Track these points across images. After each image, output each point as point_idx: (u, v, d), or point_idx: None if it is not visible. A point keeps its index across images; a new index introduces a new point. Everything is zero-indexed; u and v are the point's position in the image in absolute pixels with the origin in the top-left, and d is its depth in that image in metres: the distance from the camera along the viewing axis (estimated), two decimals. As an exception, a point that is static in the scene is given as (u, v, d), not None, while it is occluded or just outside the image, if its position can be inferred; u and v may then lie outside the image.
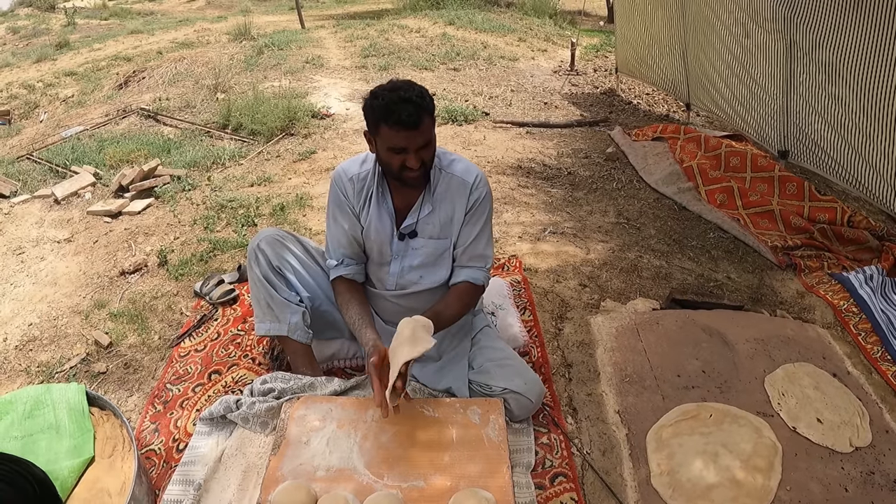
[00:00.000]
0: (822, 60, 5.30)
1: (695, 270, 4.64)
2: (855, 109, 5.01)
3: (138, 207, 5.73)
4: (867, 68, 4.81)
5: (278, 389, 3.10)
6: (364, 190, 3.07)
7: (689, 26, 7.60)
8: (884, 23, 4.57)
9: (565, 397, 3.37)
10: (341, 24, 16.08)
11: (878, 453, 2.99)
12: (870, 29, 4.71)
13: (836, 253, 4.84)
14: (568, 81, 10.76)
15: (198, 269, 4.66)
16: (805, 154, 5.82)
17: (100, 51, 14.15)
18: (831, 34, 5.13)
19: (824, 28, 5.20)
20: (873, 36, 4.69)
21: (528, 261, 4.68)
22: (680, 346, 3.63)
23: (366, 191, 3.07)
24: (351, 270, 3.15)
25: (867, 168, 5.04)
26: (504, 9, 17.37)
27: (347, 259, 3.15)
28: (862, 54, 4.84)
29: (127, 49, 13.92)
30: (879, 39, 4.64)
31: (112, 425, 2.92)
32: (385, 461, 2.70)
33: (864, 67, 4.84)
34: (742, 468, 2.84)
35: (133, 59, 12.66)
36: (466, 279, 3.12)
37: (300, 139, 7.57)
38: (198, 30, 16.09)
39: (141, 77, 11.04)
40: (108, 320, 4.13)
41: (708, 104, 7.52)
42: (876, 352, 3.76)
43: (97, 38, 15.85)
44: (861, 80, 4.89)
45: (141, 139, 7.65)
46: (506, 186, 6.10)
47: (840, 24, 5.02)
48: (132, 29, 16.70)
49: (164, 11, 23.11)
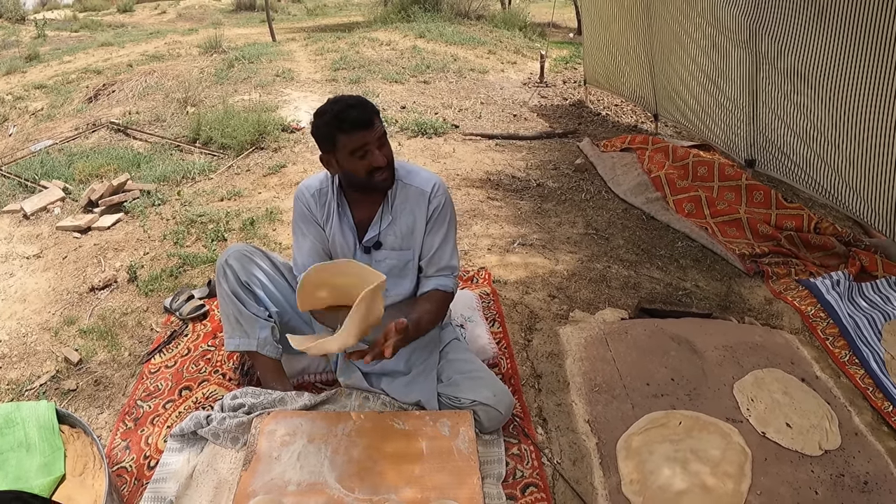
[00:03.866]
0: (786, 70, 5.36)
1: (663, 279, 4.67)
2: (820, 118, 5.07)
3: (108, 222, 5.70)
4: (831, 77, 4.87)
5: (248, 405, 3.09)
6: (326, 205, 3.10)
7: (656, 38, 7.65)
8: (846, 33, 4.63)
9: (535, 408, 3.38)
10: (312, 37, 16.08)
11: (848, 456, 3.03)
12: (832, 39, 4.78)
13: (804, 259, 4.89)
14: (537, 93, 10.80)
15: (168, 285, 4.63)
16: (772, 162, 5.88)
17: (70, 63, 14.07)
18: (795, 44, 5.19)
19: (788, 38, 5.26)
20: (836, 45, 4.75)
21: (496, 273, 4.68)
22: (649, 355, 3.65)
23: (328, 206, 3.10)
24: None
25: (833, 175, 5.10)
26: (474, 21, 17.40)
27: None
28: (826, 63, 4.90)
29: (97, 62, 13.85)
30: (842, 49, 4.71)
31: (82, 443, 2.89)
32: (356, 474, 2.70)
33: (829, 76, 4.89)
34: (712, 474, 2.87)
35: (103, 71, 12.58)
36: (436, 287, 3.13)
37: (270, 153, 7.55)
38: (168, 42, 16.04)
39: (111, 90, 10.97)
40: (77, 337, 4.11)
41: (675, 115, 7.57)
42: (843, 356, 3.81)
43: (67, 51, 15.78)
44: (825, 88, 4.95)
45: (110, 153, 7.60)
46: (475, 199, 6.11)
47: (803, 34, 5.08)
48: (103, 41, 16.63)
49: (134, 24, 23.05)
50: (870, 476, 2.92)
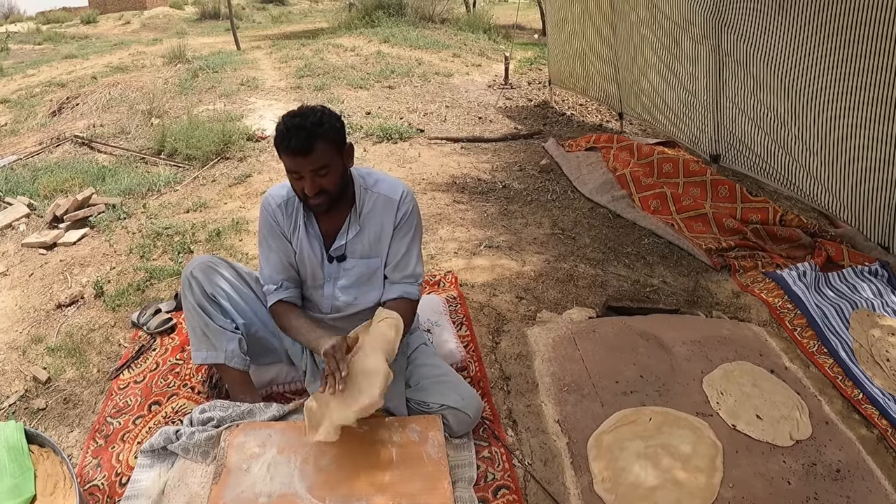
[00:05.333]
0: (749, 65, 5.42)
1: (630, 277, 4.68)
2: (784, 111, 5.13)
3: (73, 238, 5.64)
4: (794, 70, 4.93)
5: (217, 418, 3.06)
6: (293, 214, 3.08)
7: (620, 37, 7.71)
8: (808, 26, 4.69)
9: (505, 410, 3.37)
10: (277, 44, 16.07)
11: (819, 444, 3.05)
12: (795, 33, 4.83)
13: (770, 252, 4.93)
14: (502, 95, 10.85)
15: (135, 299, 4.58)
16: (736, 157, 5.93)
17: (34, 77, 13.98)
18: (758, 40, 5.25)
19: (751, 34, 5.32)
20: (798, 39, 4.82)
21: (463, 276, 4.68)
22: (617, 353, 3.66)
23: (294, 215, 3.08)
24: (290, 294, 3.14)
25: (797, 167, 5.14)
26: (439, 25, 17.46)
27: (286, 283, 3.14)
28: (788, 57, 4.96)
29: (61, 74, 13.76)
30: (804, 42, 4.77)
31: (52, 462, 2.87)
32: (326, 484, 2.68)
33: (791, 70, 4.95)
34: (683, 469, 2.88)
35: (67, 84, 12.50)
36: (402, 294, 3.12)
37: (235, 163, 7.53)
38: (132, 53, 15.99)
39: (75, 103, 10.90)
40: (45, 355, 4.05)
41: (640, 112, 7.62)
42: (812, 346, 3.84)
43: (31, 64, 15.70)
44: (788, 82, 5.01)
45: (75, 167, 7.53)
46: (441, 203, 6.11)
47: (766, 30, 5.15)
48: (67, 53, 16.58)
49: (98, 35, 22.94)
50: (842, 464, 2.95)
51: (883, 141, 4.39)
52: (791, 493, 2.80)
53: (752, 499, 2.76)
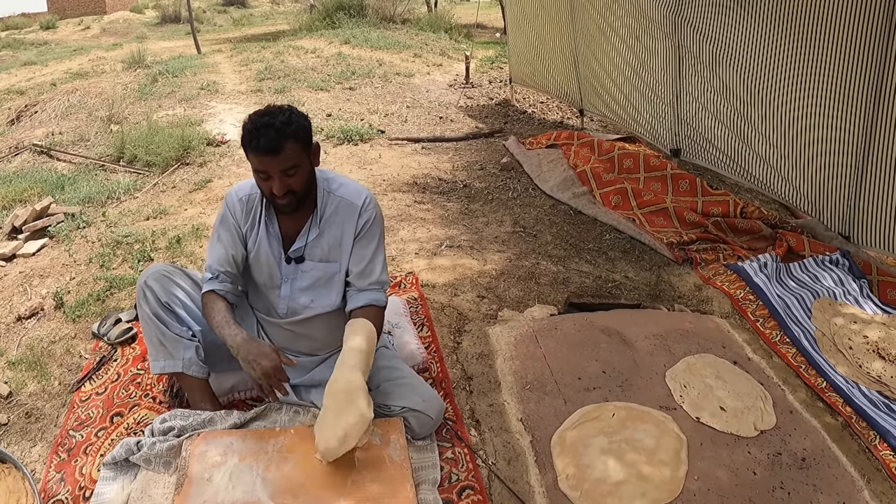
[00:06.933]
0: (708, 59, 5.46)
1: (592, 273, 4.69)
2: (743, 104, 5.18)
3: (32, 249, 5.56)
4: (752, 63, 5.00)
5: (178, 427, 3.03)
6: (253, 211, 3.06)
7: (579, 33, 7.72)
8: (765, 19, 4.73)
9: (467, 410, 3.37)
10: (238, 47, 15.99)
11: (784, 434, 3.07)
12: (752, 28, 4.89)
13: (731, 244, 4.96)
14: (463, 94, 10.85)
15: (95, 309, 4.52)
16: (697, 151, 5.96)
17: (-8, 85, 13.80)
18: (716, 35, 5.30)
19: (709, 30, 5.36)
20: (755, 32, 4.89)
21: (424, 277, 4.66)
22: (579, 349, 3.66)
23: (254, 212, 3.06)
24: (225, 287, 3.08)
25: (757, 160, 5.19)
26: (400, 25, 17.44)
27: (223, 276, 3.10)
28: (746, 52, 5.03)
29: (20, 82, 13.57)
30: (761, 34, 4.83)
31: (14, 478, 2.85)
32: (289, 490, 2.67)
33: (749, 64, 5.01)
34: (648, 463, 2.88)
35: (26, 92, 12.31)
36: (370, 302, 3.09)
37: (196, 168, 7.45)
38: (92, 59, 15.81)
39: (34, 111, 10.75)
40: (6, 369, 3.98)
41: (601, 108, 7.65)
42: (774, 336, 3.88)
43: (-11, 72, 15.49)
44: (746, 76, 5.06)
45: (34, 177, 7.40)
46: (401, 203, 6.09)
47: (723, 25, 5.20)
48: (25, 60, 16.35)
49: (58, 41, 22.69)
50: (807, 452, 2.97)
51: (840, 131, 4.45)
52: (757, 483, 2.81)
53: (717, 490, 2.77)
